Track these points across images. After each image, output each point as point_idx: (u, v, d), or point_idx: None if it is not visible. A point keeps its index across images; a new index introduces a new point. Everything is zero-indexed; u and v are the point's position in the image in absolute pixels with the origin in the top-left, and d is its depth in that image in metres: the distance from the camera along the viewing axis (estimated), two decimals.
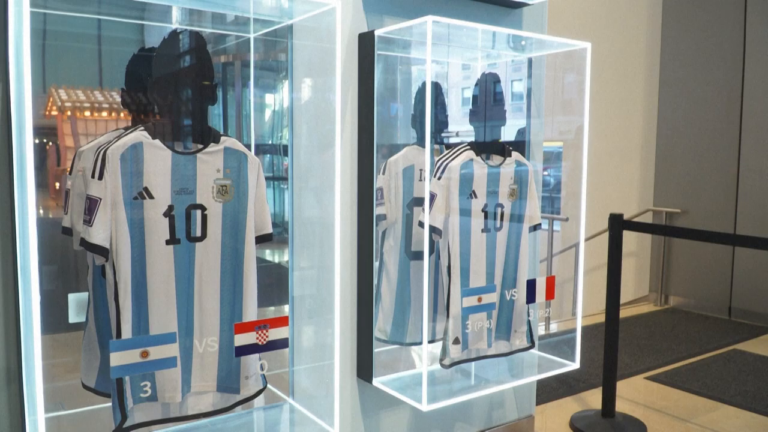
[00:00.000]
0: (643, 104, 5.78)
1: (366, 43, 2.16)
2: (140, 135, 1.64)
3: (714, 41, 5.38)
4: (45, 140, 1.83)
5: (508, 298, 2.41)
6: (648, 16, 5.71)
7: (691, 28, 5.55)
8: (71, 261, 1.83)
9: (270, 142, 2.33)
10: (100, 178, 1.58)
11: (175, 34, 1.70)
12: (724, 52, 5.33)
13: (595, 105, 3.35)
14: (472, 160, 2.29)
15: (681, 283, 5.78)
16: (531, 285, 2.40)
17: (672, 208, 5.71)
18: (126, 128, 1.73)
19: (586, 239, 4.29)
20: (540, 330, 3.07)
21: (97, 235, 1.58)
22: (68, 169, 1.78)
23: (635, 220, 5.62)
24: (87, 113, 1.85)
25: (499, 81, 2.44)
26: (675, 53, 5.65)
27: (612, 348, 3.12)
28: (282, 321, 1.82)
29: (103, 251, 1.59)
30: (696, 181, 5.59)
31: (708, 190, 5.51)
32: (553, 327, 4.16)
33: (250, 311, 1.81)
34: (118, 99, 1.85)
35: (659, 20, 5.73)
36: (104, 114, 1.87)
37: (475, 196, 2.29)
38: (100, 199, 1.58)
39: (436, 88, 2.40)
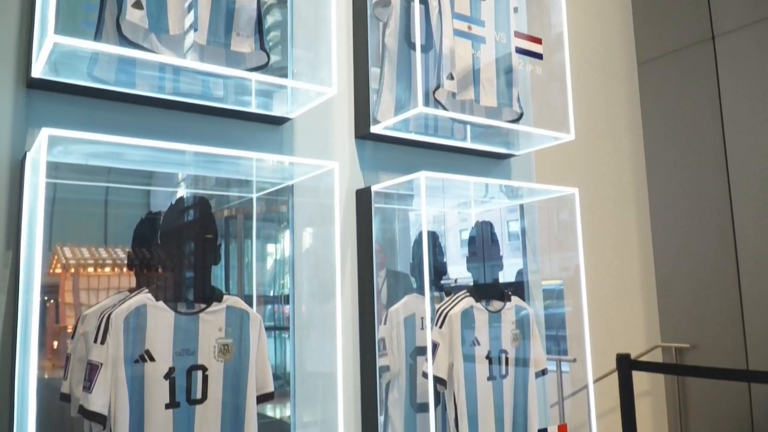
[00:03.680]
0: (638, 241, 5.89)
1: (363, 198, 2.26)
2: (144, 297, 1.67)
3: (697, 177, 5.60)
4: (46, 297, 1.85)
5: None
6: (632, 157, 5.99)
7: (674, 166, 5.79)
8: (67, 427, 1.78)
9: (272, 292, 2.36)
10: (102, 342, 1.59)
11: (180, 200, 1.80)
12: (710, 188, 5.53)
13: (591, 242, 3.42)
14: (472, 306, 2.30)
15: (701, 422, 5.53)
16: None
17: (680, 343, 5.60)
18: (131, 290, 1.76)
19: (596, 380, 4.18)
20: None
21: (96, 402, 1.55)
22: (70, 332, 1.79)
23: (644, 357, 5.51)
24: (90, 269, 1.89)
25: (493, 228, 2.51)
26: (662, 192, 5.86)
27: None
28: None
29: (101, 419, 1.55)
30: (700, 315, 5.55)
31: (713, 322, 5.45)
32: None
33: None
34: (122, 255, 1.90)
35: (643, 161, 5.99)
36: (107, 270, 1.92)
37: (478, 344, 2.27)
38: (101, 364, 1.57)
39: (433, 237, 2.47)
